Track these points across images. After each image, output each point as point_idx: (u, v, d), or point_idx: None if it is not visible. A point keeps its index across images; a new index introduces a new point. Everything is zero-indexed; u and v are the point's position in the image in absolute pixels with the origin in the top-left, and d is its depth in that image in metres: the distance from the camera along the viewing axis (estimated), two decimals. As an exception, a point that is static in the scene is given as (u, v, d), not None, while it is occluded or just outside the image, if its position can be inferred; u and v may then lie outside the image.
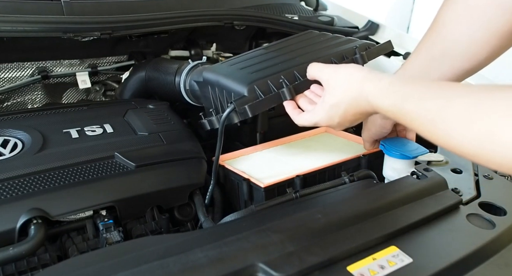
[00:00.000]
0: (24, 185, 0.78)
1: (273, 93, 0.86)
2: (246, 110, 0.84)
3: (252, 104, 0.84)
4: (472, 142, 0.51)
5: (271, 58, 0.99)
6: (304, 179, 0.93)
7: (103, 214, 0.82)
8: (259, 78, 0.88)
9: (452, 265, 0.64)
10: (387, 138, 0.93)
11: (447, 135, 0.54)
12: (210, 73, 0.98)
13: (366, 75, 0.70)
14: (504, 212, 0.79)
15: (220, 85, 0.94)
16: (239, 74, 0.92)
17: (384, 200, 0.76)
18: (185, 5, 1.35)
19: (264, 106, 0.86)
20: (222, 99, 0.95)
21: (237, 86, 0.88)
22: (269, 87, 0.86)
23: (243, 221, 0.76)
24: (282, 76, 0.86)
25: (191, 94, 1.12)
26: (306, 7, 1.67)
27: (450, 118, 0.54)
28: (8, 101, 1.27)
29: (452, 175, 0.91)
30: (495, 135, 0.48)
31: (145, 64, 1.29)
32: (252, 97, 0.85)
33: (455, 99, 0.54)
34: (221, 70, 0.97)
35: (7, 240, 0.72)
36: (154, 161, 0.90)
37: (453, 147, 0.54)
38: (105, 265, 0.59)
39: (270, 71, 0.90)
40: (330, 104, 0.75)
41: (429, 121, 0.57)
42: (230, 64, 1.00)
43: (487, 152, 0.49)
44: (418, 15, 4.18)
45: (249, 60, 1.00)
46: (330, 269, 0.61)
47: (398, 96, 0.62)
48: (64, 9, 1.16)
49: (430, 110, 0.56)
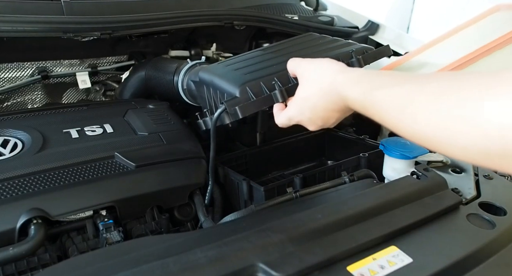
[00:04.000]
0: (24, 185, 0.78)
1: (265, 94, 0.84)
2: (237, 111, 0.83)
3: (242, 105, 0.83)
4: (439, 124, 0.46)
5: (267, 59, 0.98)
6: (304, 179, 0.93)
7: (103, 214, 0.82)
8: (252, 79, 0.87)
9: (452, 265, 0.64)
10: (387, 138, 0.93)
11: (414, 120, 0.50)
12: (205, 73, 0.98)
13: (340, 68, 0.67)
14: (504, 212, 0.79)
15: (214, 85, 0.93)
16: (232, 75, 0.91)
17: (384, 200, 0.75)
18: (185, 5, 1.35)
19: (255, 107, 0.85)
20: (216, 99, 0.95)
21: (229, 87, 0.87)
22: (262, 89, 0.85)
23: (243, 221, 0.76)
24: (275, 78, 0.85)
25: (188, 94, 1.12)
26: (306, 7, 1.67)
27: (419, 100, 0.49)
28: (8, 101, 1.27)
29: (452, 175, 0.91)
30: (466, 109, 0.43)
31: (145, 64, 1.29)
32: (243, 98, 0.84)
33: (426, 84, 0.50)
34: (216, 70, 0.97)
35: (7, 240, 0.72)
36: (154, 161, 0.90)
37: (418, 133, 0.50)
38: (105, 265, 0.59)
39: (264, 73, 0.89)
40: (301, 97, 0.72)
41: (397, 106, 0.52)
42: (226, 65, 1.00)
43: (454, 132, 0.45)
44: (418, 15, 4.18)
45: (245, 61, 0.99)
46: (330, 269, 0.61)
47: (368, 85, 0.59)
48: (64, 9, 1.16)
49: (400, 96, 0.53)
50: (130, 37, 1.33)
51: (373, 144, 1.09)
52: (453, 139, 0.45)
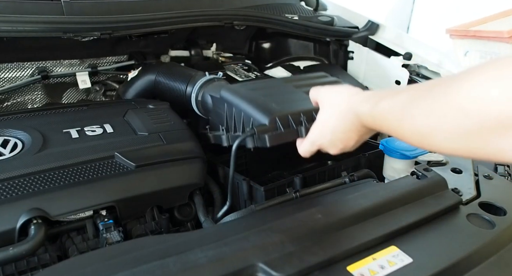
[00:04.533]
0: (24, 185, 0.78)
1: (291, 128, 0.87)
2: (265, 139, 0.86)
3: (272, 134, 0.86)
4: (430, 117, 0.51)
5: (291, 92, 1.00)
6: (304, 179, 0.93)
7: (103, 214, 0.82)
8: (281, 110, 0.89)
9: (452, 265, 0.64)
10: (387, 138, 0.93)
11: (411, 121, 0.55)
12: (229, 93, 0.99)
13: (357, 91, 0.72)
14: (504, 212, 0.79)
15: (240, 107, 0.94)
16: (262, 102, 0.93)
17: (384, 200, 0.75)
18: (185, 5, 1.35)
19: (282, 139, 0.87)
20: (237, 120, 0.96)
21: (259, 114, 0.89)
22: (289, 122, 0.88)
23: (243, 221, 0.77)
24: (301, 114, 0.88)
25: (201, 106, 1.13)
26: (306, 7, 1.67)
27: (413, 102, 0.55)
28: (8, 101, 1.27)
29: (452, 175, 0.91)
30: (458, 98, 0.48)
31: (156, 67, 1.29)
32: (272, 127, 0.87)
33: (427, 90, 0.55)
34: (243, 93, 0.98)
35: (7, 240, 0.72)
36: (154, 161, 0.90)
37: (417, 133, 0.55)
38: (105, 265, 0.59)
39: (291, 107, 0.91)
40: (321, 120, 0.76)
41: (397, 111, 0.58)
42: (249, 88, 1.00)
43: (439, 117, 0.50)
44: (418, 15, 4.18)
45: (269, 89, 1.00)
46: (330, 269, 0.61)
47: (374, 99, 0.64)
48: (64, 9, 1.16)
49: (399, 103, 0.58)
50: (130, 37, 1.33)
51: (373, 144, 1.09)
52: (441, 127, 0.51)
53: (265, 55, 1.69)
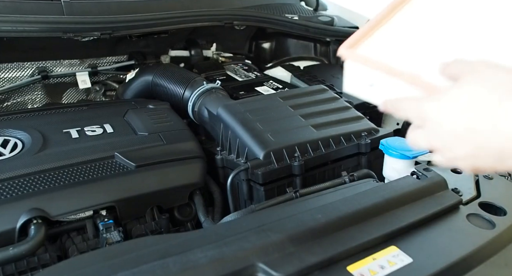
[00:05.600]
0: (24, 185, 0.78)
1: (285, 164, 0.89)
2: (259, 176, 0.88)
3: (265, 172, 0.87)
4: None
5: (289, 116, 1.01)
6: (304, 179, 0.93)
7: (103, 214, 0.82)
8: (276, 143, 0.91)
9: (452, 265, 0.64)
10: (387, 138, 0.93)
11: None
12: (227, 114, 1.00)
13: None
14: (504, 212, 0.79)
15: (236, 133, 0.96)
16: (258, 132, 0.94)
17: (384, 200, 0.75)
18: (185, 5, 1.35)
19: (275, 175, 0.89)
20: (232, 144, 0.98)
21: (255, 146, 0.91)
22: (283, 156, 0.90)
23: (243, 221, 0.76)
24: (296, 147, 0.90)
25: (197, 116, 1.13)
26: (306, 7, 1.67)
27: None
28: (8, 101, 1.27)
29: (452, 175, 0.91)
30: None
31: (153, 68, 1.29)
32: (266, 162, 0.89)
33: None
34: (240, 117, 0.98)
35: (7, 240, 0.72)
36: (154, 161, 0.90)
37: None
38: (105, 265, 0.59)
39: (286, 137, 0.93)
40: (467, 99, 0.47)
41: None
42: (248, 109, 1.01)
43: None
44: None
45: (267, 111, 1.02)
46: (330, 269, 0.61)
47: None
48: (64, 9, 1.16)
49: None
50: (130, 37, 1.33)
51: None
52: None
53: (265, 55, 1.69)
